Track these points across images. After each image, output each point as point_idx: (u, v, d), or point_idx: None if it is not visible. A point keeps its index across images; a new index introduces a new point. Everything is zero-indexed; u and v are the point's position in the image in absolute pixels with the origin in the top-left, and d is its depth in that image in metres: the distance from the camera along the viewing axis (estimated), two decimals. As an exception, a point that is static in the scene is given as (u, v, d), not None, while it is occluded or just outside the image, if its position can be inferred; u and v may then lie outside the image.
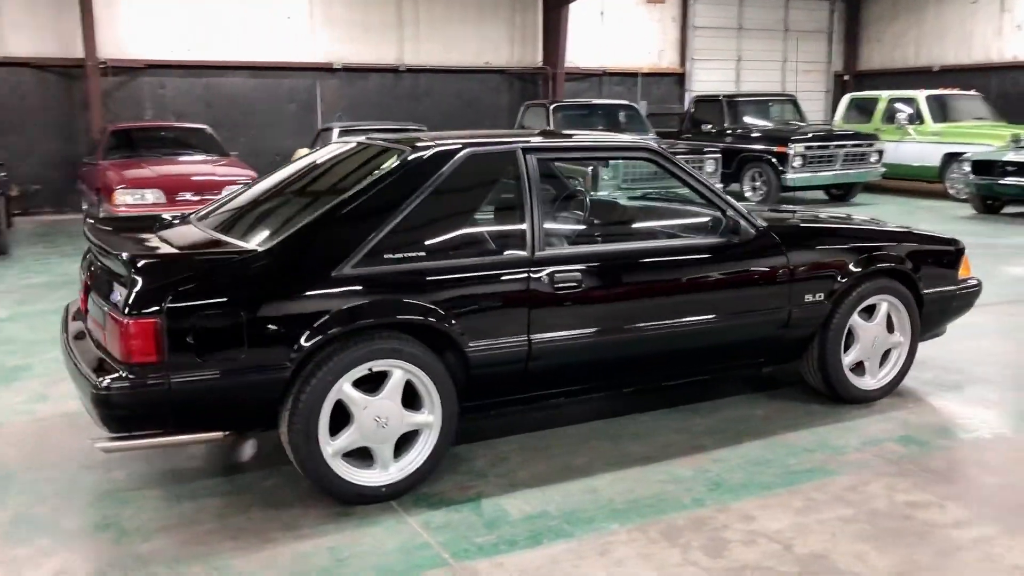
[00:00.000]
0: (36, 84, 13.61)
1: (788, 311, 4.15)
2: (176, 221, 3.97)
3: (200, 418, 3.14)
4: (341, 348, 3.22)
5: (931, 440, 4.00)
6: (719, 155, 12.37)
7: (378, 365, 3.30)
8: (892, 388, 4.57)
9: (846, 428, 4.15)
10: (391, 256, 3.35)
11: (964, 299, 4.76)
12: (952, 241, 4.77)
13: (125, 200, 9.53)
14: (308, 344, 3.15)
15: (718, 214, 4.07)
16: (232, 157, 11.37)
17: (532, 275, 3.56)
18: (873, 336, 4.44)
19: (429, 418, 3.42)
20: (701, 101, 15.37)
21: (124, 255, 3.11)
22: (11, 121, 13.37)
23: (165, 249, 3.39)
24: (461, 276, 3.46)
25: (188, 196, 9.67)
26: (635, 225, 4.49)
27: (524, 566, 2.93)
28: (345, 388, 3.25)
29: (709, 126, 14.67)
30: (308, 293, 3.20)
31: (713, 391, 4.64)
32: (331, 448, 3.26)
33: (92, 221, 3.82)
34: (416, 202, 3.46)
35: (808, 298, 4.20)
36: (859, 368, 4.49)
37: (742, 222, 4.04)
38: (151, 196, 9.62)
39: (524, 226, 3.61)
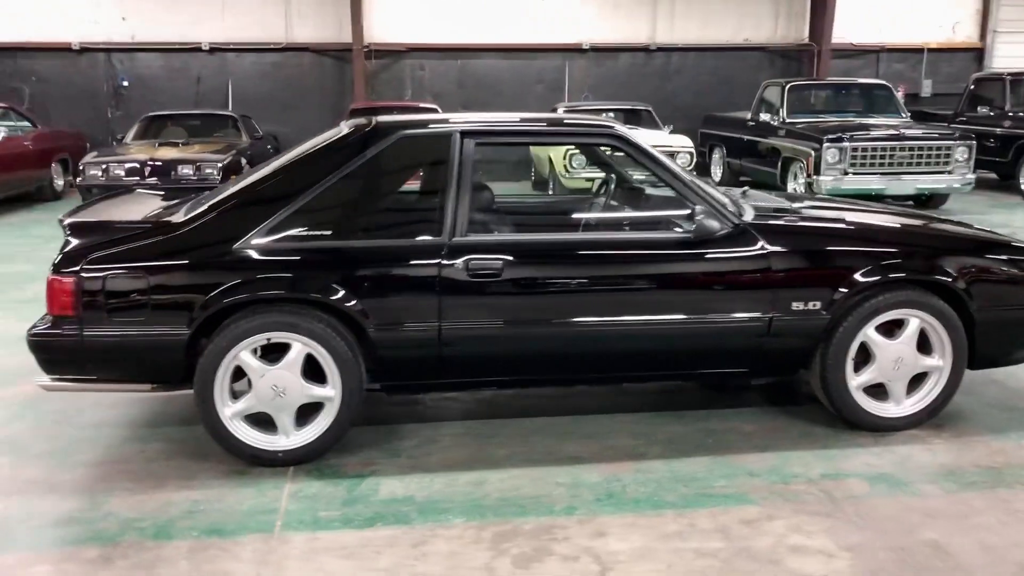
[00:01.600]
0: (313, 67, 15.21)
1: (768, 319, 3.71)
2: (160, 195, 4.37)
3: (113, 369, 3.52)
4: (239, 317, 3.44)
5: (911, 485, 3.41)
6: (971, 143, 10.88)
7: (277, 337, 3.48)
8: (925, 418, 3.92)
9: (822, 456, 3.66)
10: (296, 233, 3.51)
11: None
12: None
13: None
14: (205, 311, 3.41)
15: (690, 207, 3.73)
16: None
17: (445, 262, 3.53)
18: (896, 356, 3.83)
19: (330, 392, 3.54)
20: (982, 80, 13.58)
21: (62, 219, 3.56)
22: (293, 100, 15.06)
23: (107, 218, 3.78)
24: (366, 258, 3.53)
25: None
26: (589, 216, 4.23)
27: (334, 544, 2.99)
28: (242, 355, 3.47)
29: (986, 109, 12.96)
30: (208, 264, 3.46)
31: (733, 399, 4.30)
32: (229, 410, 3.51)
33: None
34: (332, 182, 3.58)
35: (797, 306, 3.72)
36: (881, 391, 3.90)
37: (711, 218, 3.66)
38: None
39: (443, 211, 3.58)
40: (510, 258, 3.57)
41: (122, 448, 3.80)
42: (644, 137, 11.07)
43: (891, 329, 3.85)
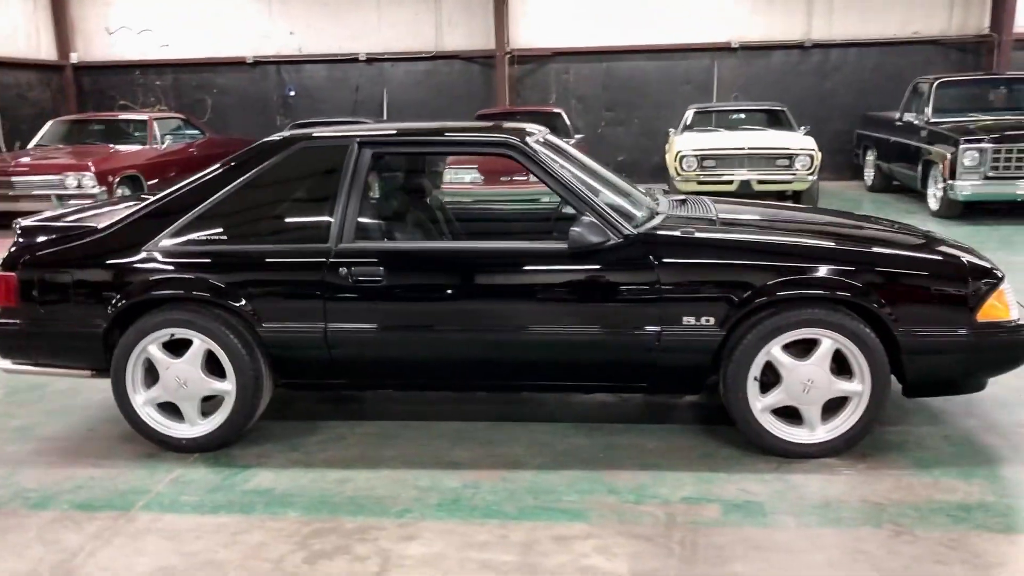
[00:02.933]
0: (462, 74, 15.72)
1: (657, 333, 3.58)
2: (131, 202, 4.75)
3: (52, 355, 3.95)
4: (145, 314, 3.77)
5: (771, 515, 3.19)
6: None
7: (179, 333, 3.78)
8: (842, 447, 3.63)
9: (702, 479, 3.49)
10: (196, 237, 3.79)
11: (994, 349, 3.53)
12: (970, 269, 3.56)
13: (448, 179, 10.81)
14: (117, 306, 3.76)
15: (587, 217, 3.65)
16: (574, 140, 12.00)
17: (330, 267, 3.69)
18: (805, 378, 3.57)
19: (227, 387, 3.80)
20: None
21: (17, 222, 4.04)
22: (443, 106, 15.61)
23: (64, 223, 4.19)
24: (255, 261, 3.76)
25: (502, 178, 10.63)
26: (478, 225, 4.18)
27: (169, 526, 3.22)
28: (150, 348, 3.79)
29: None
30: (119, 265, 3.81)
31: (668, 415, 4.17)
32: (140, 398, 3.85)
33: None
34: (234, 189, 3.83)
35: (688, 320, 3.56)
36: (796, 414, 3.66)
37: (592, 229, 3.57)
38: (468, 176, 10.75)
39: (331, 218, 3.73)
40: (391, 265, 3.67)
41: (77, 427, 4.23)
42: (764, 138, 10.58)
43: (809, 349, 3.59)
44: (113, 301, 3.76)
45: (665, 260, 3.57)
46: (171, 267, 3.77)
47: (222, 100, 16.26)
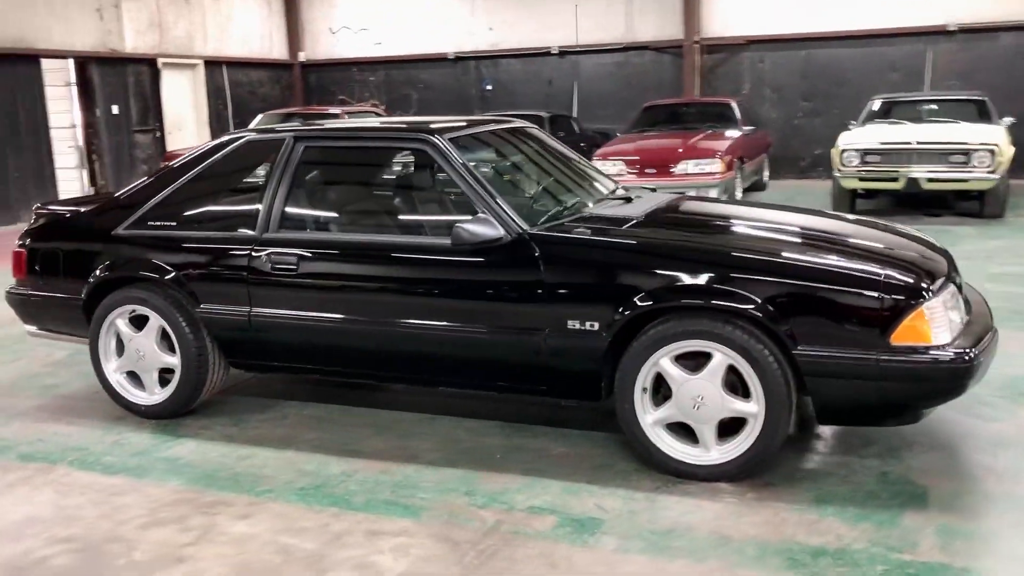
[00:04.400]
0: (652, 65, 15.45)
1: (543, 336, 3.45)
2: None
3: (54, 322, 4.47)
4: (113, 290, 4.19)
5: (595, 535, 2.99)
6: None
7: (139, 309, 4.15)
8: (735, 471, 3.31)
9: (570, 490, 3.33)
10: (153, 223, 4.15)
11: (910, 377, 3.07)
12: (885, 286, 3.11)
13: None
14: (91, 282, 4.21)
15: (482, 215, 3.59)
16: (741, 132, 11.46)
17: (254, 253, 3.90)
18: (694, 393, 3.30)
19: (174, 360, 4.12)
20: None
21: (36, 206, 4.61)
22: (633, 98, 15.22)
23: (67, 207, 4.68)
24: (194, 245, 4.04)
25: (648, 169, 10.43)
26: (387, 218, 4.11)
27: (69, 481, 3.57)
28: (117, 322, 4.20)
29: None
30: (93, 246, 4.24)
31: (612, 423, 3.98)
32: (111, 366, 4.27)
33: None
34: (187, 179, 4.15)
35: (572, 325, 3.40)
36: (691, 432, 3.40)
37: (482, 225, 3.49)
38: (614, 168, 10.62)
39: (260, 207, 3.94)
40: (305, 254, 3.82)
41: (90, 390, 4.70)
42: (940, 131, 9.53)
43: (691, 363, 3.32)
44: (88, 278, 4.20)
45: (550, 260, 3.43)
46: (130, 250, 4.14)
47: (426, 95, 17.10)
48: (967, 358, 3.05)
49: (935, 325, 3.08)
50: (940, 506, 3.11)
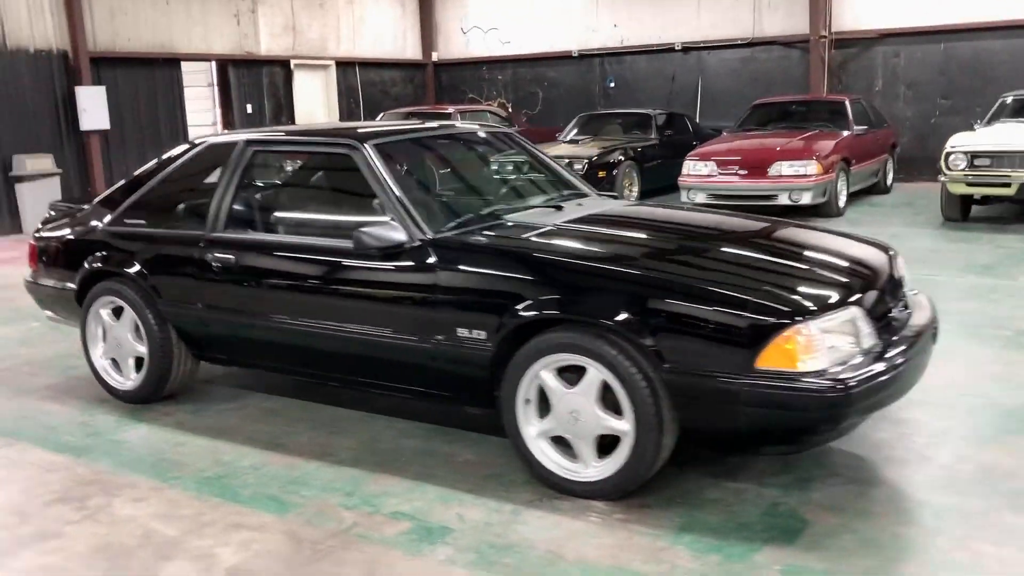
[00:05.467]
0: (780, 61, 14.80)
1: (436, 342, 3.46)
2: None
3: (58, 310, 4.88)
4: (97, 282, 4.52)
5: (447, 543, 2.98)
6: None
7: (117, 301, 4.47)
8: (612, 491, 3.20)
9: (441, 496, 3.33)
10: (128, 220, 4.45)
11: (773, 403, 2.88)
12: (754, 306, 2.92)
13: (688, 170, 10.49)
14: (82, 272, 4.56)
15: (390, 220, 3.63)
16: (856, 132, 10.85)
17: (202, 251, 4.11)
18: (571, 408, 3.22)
19: (144, 350, 4.40)
20: None
21: (52, 203, 5.03)
22: (758, 95, 14.78)
23: (72, 205, 5.05)
24: (157, 243, 4.30)
25: (740, 171, 10.08)
26: (311, 220, 4.14)
27: (15, 456, 3.91)
28: (101, 312, 4.54)
29: None
30: (83, 241, 4.59)
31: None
32: (97, 351, 4.60)
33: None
34: (157, 180, 4.42)
35: (461, 332, 3.39)
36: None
37: (387, 229, 3.53)
38: (705, 169, 10.31)
39: (212, 207, 4.14)
40: (241, 254, 3.99)
41: (89, 374, 5.09)
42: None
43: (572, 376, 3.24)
44: (83, 267, 4.55)
45: (444, 266, 3.44)
46: (109, 245, 4.46)
47: (551, 92, 17.15)
48: (839, 388, 2.82)
49: (806, 350, 2.86)
50: (805, 545, 2.89)
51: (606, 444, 3.21)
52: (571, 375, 3.23)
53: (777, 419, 2.93)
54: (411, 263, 3.51)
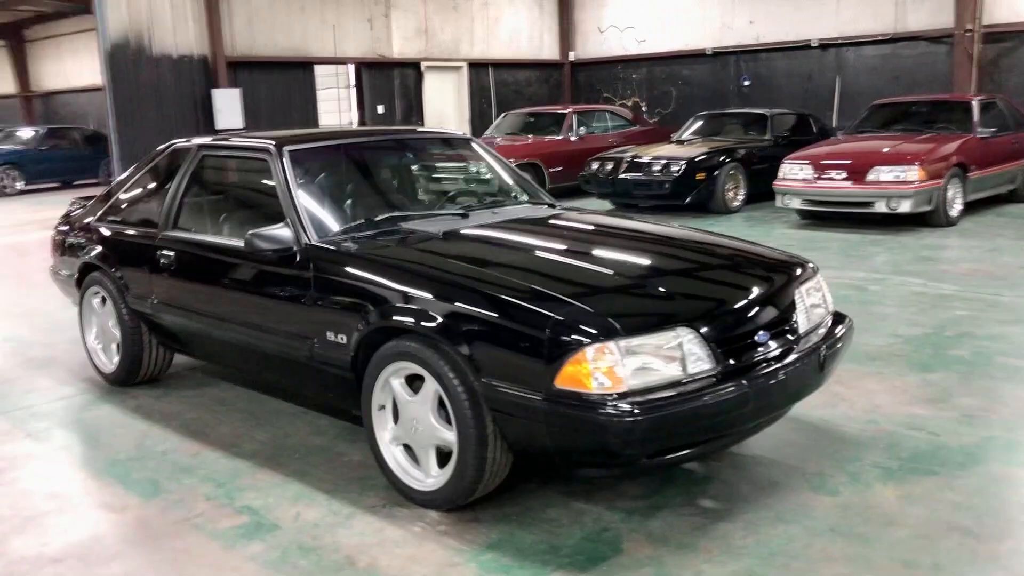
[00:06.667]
0: (924, 57, 13.82)
1: (310, 344, 3.57)
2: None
3: (71, 295, 5.34)
4: (88, 272, 4.94)
5: (253, 541, 3.07)
6: None
7: (102, 292, 4.86)
8: (442, 501, 3.18)
9: (298, 495, 3.42)
10: (109, 218, 4.82)
11: (568, 425, 2.78)
12: (553, 322, 2.82)
13: (783, 173, 10.00)
14: (79, 264, 4.99)
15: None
16: (981, 135, 10.00)
17: (153, 248, 4.41)
18: (412, 416, 3.24)
19: (119, 336, 4.77)
20: None
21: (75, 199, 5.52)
22: (900, 94, 13.96)
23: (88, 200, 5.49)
24: (123, 240, 4.65)
25: (836, 174, 9.53)
26: (228, 221, 4.23)
27: (-11, 428, 4.36)
28: (92, 301, 4.94)
29: None
30: (79, 235, 5.02)
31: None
32: (90, 336, 5.02)
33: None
34: (132, 180, 4.77)
35: (329, 335, 3.48)
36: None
37: (284, 230, 3.65)
38: (802, 172, 9.80)
39: (163, 207, 4.43)
40: (179, 251, 4.25)
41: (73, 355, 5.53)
42: None
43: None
44: (81, 257, 4.98)
45: (318, 271, 3.53)
46: (91, 241, 4.85)
47: (685, 91, 16.78)
48: (625, 414, 2.68)
49: (603, 371, 2.73)
50: (597, 573, 2.76)
51: (448, 454, 3.20)
52: (420, 383, 3.23)
53: (577, 441, 2.82)
54: (293, 267, 3.62)
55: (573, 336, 2.79)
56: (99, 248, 4.79)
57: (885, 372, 4.60)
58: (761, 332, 3.12)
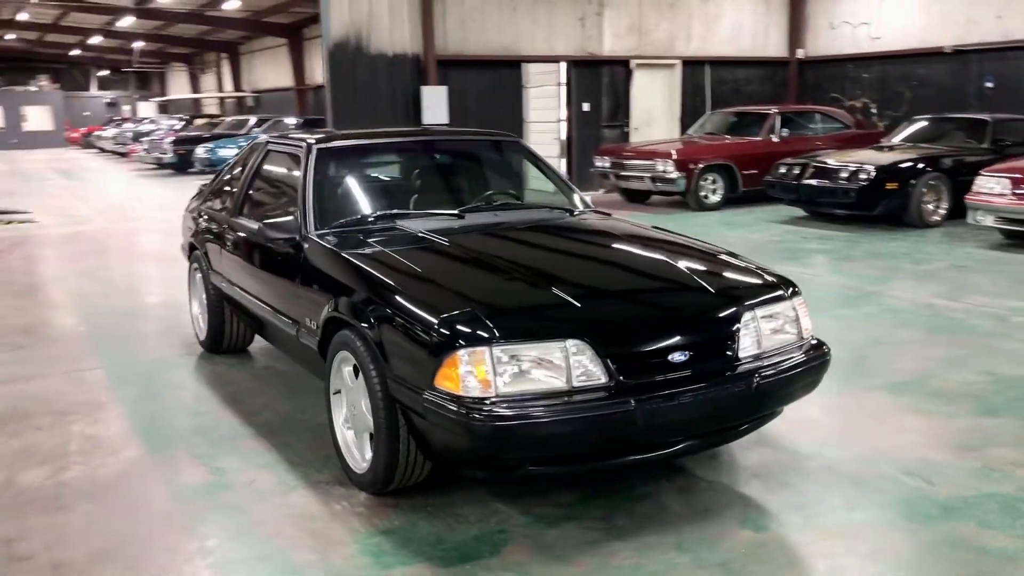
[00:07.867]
0: None
1: (298, 327, 3.85)
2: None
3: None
4: (193, 250, 5.55)
5: (200, 500, 3.39)
6: None
7: (196, 265, 5.45)
8: (372, 485, 3.31)
9: (281, 482, 3.66)
10: (206, 204, 5.41)
11: (445, 427, 2.85)
12: (440, 323, 2.90)
13: (977, 187, 9.06)
14: (186, 240, 5.63)
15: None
16: None
17: (223, 231, 4.91)
18: (352, 402, 3.44)
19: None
20: None
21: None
22: None
23: None
24: (206, 222, 5.22)
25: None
26: (268, 208, 4.49)
27: None
28: (195, 274, 5.57)
29: None
30: (188, 215, 5.65)
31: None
32: (194, 306, 5.66)
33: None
34: (230, 171, 5.31)
35: (307, 320, 3.75)
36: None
37: (292, 226, 3.96)
38: (998, 187, 8.82)
39: (235, 195, 4.90)
40: (236, 235, 4.70)
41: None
42: None
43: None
44: (183, 239, 5.62)
45: (305, 261, 3.80)
46: (194, 221, 5.49)
47: (919, 92, 15.45)
48: (483, 419, 2.69)
49: (473, 375, 2.76)
50: (456, 572, 2.80)
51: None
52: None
53: (452, 441, 2.87)
54: (294, 255, 3.91)
55: (451, 339, 2.83)
56: (194, 228, 5.38)
57: (937, 411, 4.14)
58: (678, 352, 2.98)
